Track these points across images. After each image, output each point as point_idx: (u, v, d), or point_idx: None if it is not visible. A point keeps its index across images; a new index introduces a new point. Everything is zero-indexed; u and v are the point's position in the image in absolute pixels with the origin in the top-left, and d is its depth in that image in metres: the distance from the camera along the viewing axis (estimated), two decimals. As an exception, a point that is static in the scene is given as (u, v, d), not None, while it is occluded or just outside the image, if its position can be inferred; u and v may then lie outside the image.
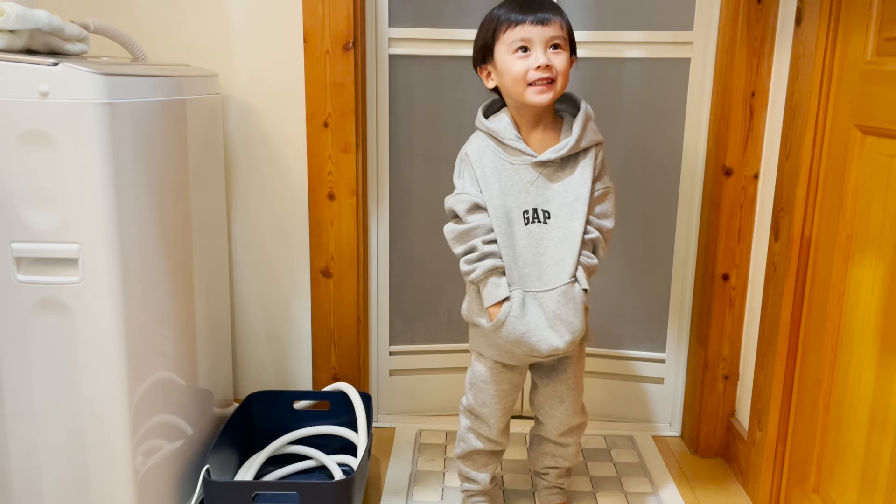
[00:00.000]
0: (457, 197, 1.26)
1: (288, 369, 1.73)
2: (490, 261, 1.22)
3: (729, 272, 1.58)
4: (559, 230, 1.23)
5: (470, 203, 1.24)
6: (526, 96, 1.20)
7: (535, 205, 1.24)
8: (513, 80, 1.20)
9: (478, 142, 1.27)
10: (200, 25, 1.57)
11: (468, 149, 1.28)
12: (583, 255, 1.24)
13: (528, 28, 1.18)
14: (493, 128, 1.24)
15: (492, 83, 1.26)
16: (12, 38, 1.08)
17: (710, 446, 1.67)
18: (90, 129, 1.03)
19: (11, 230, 1.05)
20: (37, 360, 1.09)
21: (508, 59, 1.20)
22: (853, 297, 1.19)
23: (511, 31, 1.19)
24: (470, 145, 1.28)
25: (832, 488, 1.25)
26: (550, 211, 1.24)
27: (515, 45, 1.19)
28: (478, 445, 1.36)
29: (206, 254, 1.45)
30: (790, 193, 1.35)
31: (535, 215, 1.24)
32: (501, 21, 1.21)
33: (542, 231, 1.24)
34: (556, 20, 1.20)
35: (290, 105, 1.59)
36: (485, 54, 1.25)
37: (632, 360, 1.79)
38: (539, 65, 1.18)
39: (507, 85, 1.22)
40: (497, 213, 1.22)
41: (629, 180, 1.71)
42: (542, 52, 1.19)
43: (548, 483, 1.45)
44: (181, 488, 1.33)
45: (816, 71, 1.27)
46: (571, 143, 1.22)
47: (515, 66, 1.19)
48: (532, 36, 1.19)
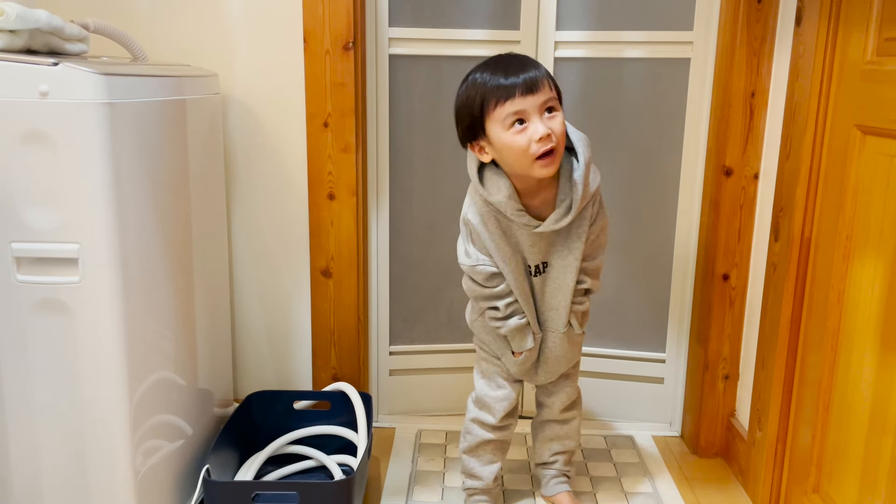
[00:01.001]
0: (473, 269, 1.28)
1: (288, 369, 1.73)
2: (514, 319, 1.30)
3: (729, 272, 1.58)
4: (555, 281, 1.30)
5: (488, 273, 1.28)
6: (533, 171, 1.17)
7: (538, 260, 1.29)
8: (515, 156, 1.17)
9: (476, 206, 1.25)
10: (200, 25, 1.57)
11: (469, 216, 1.26)
12: (575, 304, 1.32)
13: (519, 101, 1.15)
14: (494, 201, 1.22)
15: (487, 157, 1.22)
16: (12, 38, 1.08)
17: (710, 446, 1.67)
18: (90, 129, 1.03)
19: (11, 230, 1.05)
20: (37, 361, 1.09)
21: (506, 135, 1.16)
22: (853, 297, 1.19)
23: (502, 106, 1.15)
24: (471, 210, 1.26)
25: (832, 488, 1.25)
26: (549, 263, 1.30)
27: (511, 120, 1.16)
28: (484, 435, 1.38)
29: (206, 254, 1.45)
30: (790, 193, 1.35)
31: (537, 269, 1.30)
32: (489, 96, 1.16)
33: (540, 281, 1.31)
34: (544, 81, 1.16)
35: (290, 105, 1.59)
36: (475, 132, 1.20)
37: (632, 360, 1.79)
38: (541, 136, 1.14)
39: (508, 160, 1.19)
40: (511, 277, 1.27)
41: (629, 180, 1.71)
42: (540, 122, 1.15)
43: (555, 472, 1.47)
44: (181, 488, 1.33)
45: (816, 71, 1.27)
46: (574, 211, 1.21)
47: (516, 141, 1.15)
48: (526, 107, 1.15)
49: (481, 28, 1.65)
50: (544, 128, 1.15)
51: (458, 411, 1.83)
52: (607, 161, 1.69)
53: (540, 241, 1.26)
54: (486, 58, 1.65)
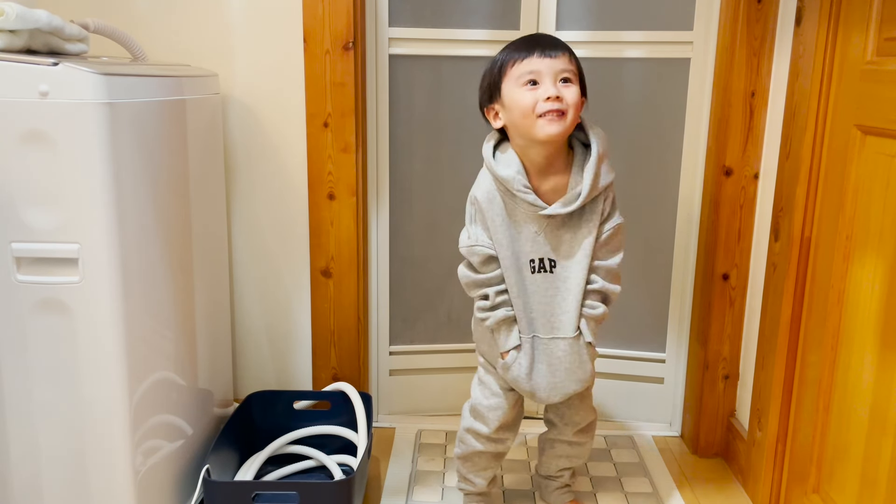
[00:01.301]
0: (471, 249, 1.26)
1: (288, 369, 1.73)
2: (502, 311, 1.25)
3: (729, 272, 1.58)
4: (564, 280, 1.25)
5: (485, 255, 1.25)
6: (536, 129, 1.16)
7: (542, 254, 1.24)
8: (522, 112, 1.17)
9: (486, 185, 1.24)
10: (200, 25, 1.57)
11: (478, 193, 1.25)
12: (585, 307, 1.25)
13: (536, 61, 1.16)
14: (502, 176, 1.20)
15: (499, 122, 1.22)
16: (12, 38, 1.08)
17: (710, 446, 1.67)
18: (90, 129, 1.03)
19: (11, 230, 1.05)
20: (37, 361, 1.09)
21: (517, 92, 1.17)
22: (853, 296, 1.19)
23: (519, 64, 1.17)
24: (479, 188, 1.25)
25: (832, 488, 1.25)
26: (556, 260, 1.25)
27: (524, 79, 1.16)
28: (476, 446, 1.35)
29: (206, 254, 1.45)
30: (790, 193, 1.35)
31: (541, 265, 1.25)
32: (509, 56, 1.19)
33: (548, 280, 1.25)
34: (565, 54, 1.18)
35: (290, 105, 1.59)
36: (491, 93, 1.22)
37: (632, 360, 1.79)
38: (549, 96, 1.14)
39: (515, 120, 1.19)
40: (507, 264, 1.24)
41: (629, 180, 1.71)
42: (552, 84, 1.15)
43: (559, 484, 1.45)
44: (181, 488, 1.33)
45: (816, 71, 1.27)
46: (582, 197, 1.20)
47: (524, 98, 1.16)
48: (541, 68, 1.16)
49: (481, 28, 1.65)
50: (555, 89, 1.15)
51: (458, 411, 1.82)
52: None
53: (546, 230, 1.23)
54: (485, 58, 1.66)
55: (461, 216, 1.74)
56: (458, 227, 1.75)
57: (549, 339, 1.26)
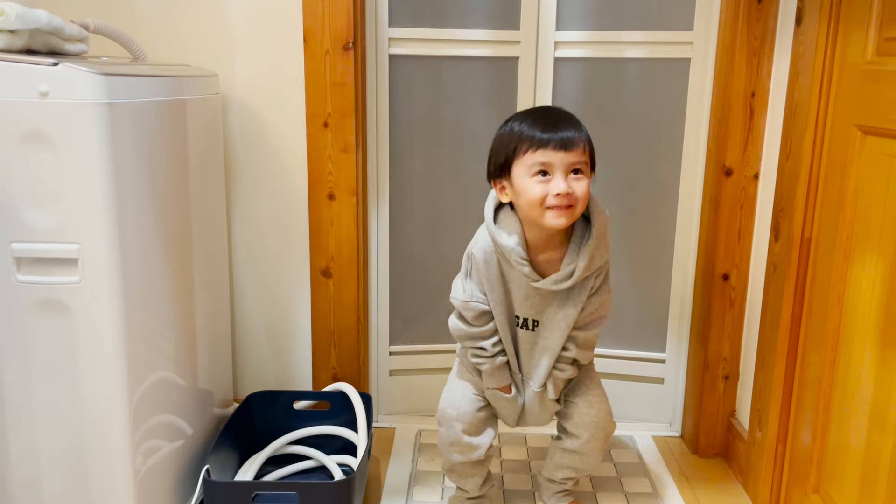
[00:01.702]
0: (466, 304, 1.30)
1: (288, 369, 1.73)
2: (499, 359, 1.32)
3: (729, 272, 1.58)
4: (544, 340, 1.31)
5: (479, 311, 1.29)
6: (543, 220, 1.18)
7: (528, 315, 1.31)
8: (529, 202, 1.18)
9: (484, 245, 1.26)
10: (200, 25, 1.57)
11: (475, 251, 1.27)
12: (556, 369, 1.32)
13: (549, 153, 1.16)
14: (503, 245, 1.23)
15: (506, 198, 1.24)
16: (12, 38, 1.08)
17: (710, 446, 1.67)
18: (90, 129, 1.03)
19: (11, 230, 1.05)
20: (37, 360, 1.09)
21: (527, 181, 1.18)
22: (853, 297, 1.19)
23: (532, 154, 1.17)
24: (476, 246, 1.27)
25: (832, 488, 1.25)
26: (540, 322, 1.31)
27: (535, 169, 1.17)
28: (454, 457, 1.35)
29: (206, 254, 1.45)
30: (790, 193, 1.35)
31: (524, 322, 1.32)
32: (523, 140, 1.18)
33: (527, 336, 1.32)
34: (580, 144, 1.17)
35: (290, 105, 1.59)
36: (501, 169, 1.22)
37: (632, 360, 1.79)
38: (559, 192, 1.15)
39: (522, 206, 1.20)
40: (500, 318, 1.29)
41: (629, 180, 1.71)
42: (563, 179, 1.16)
43: (559, 489, 1.44)
44: (181, 488, 1.33)
45: (816, 71, 1.27)
46: (575, 278, 1.23)
47: (534, 189, 1.17)
48: (554, 161, 1.16)
49: (481, 28, 1.65)
50: (565, 186, 1.16)
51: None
52: (607, 161, 1.69)
53: (534, 296, 1.27)
54: (486, 58, 1.67)
55: (461, 216, 1.75)
56: (459, 227, 1.76)
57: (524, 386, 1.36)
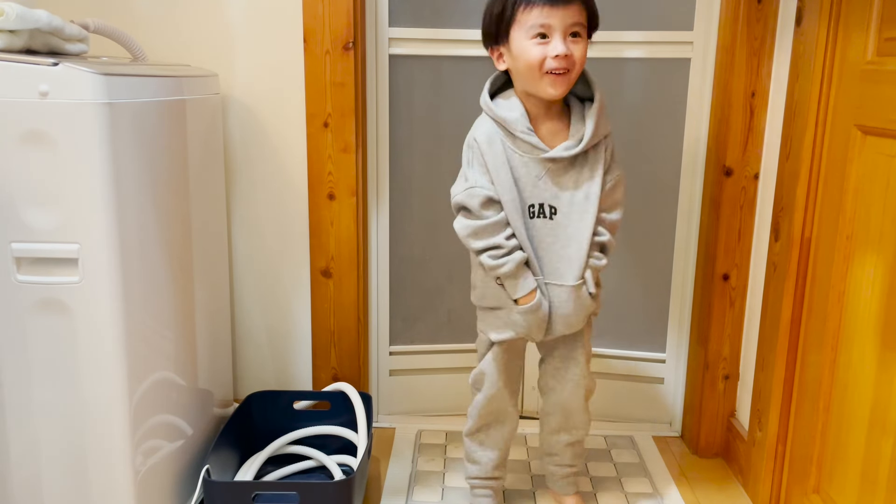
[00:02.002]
0: (469, 192, 1.21)
1: (288, 369, 1.73)
2: (518, 254, 1.21)
3: (729, 272, 1.58)
4: (566, 228, 1.22)
5: (484, 198, 1.21)
6: (540, 86, 1.17)
7: (542, 200, 1.22)
8: (528, 65, 1.16)
9: (486, 127, 1.22)
10: (200, 25, 1.57)
11: (477, 134, 1.22)
12: (593, 258, 1.24)
13: (548, 11, 1.13)
14: (503, 117, 1.19)
15: (503, 65, 1.22)
16: (12, 38, 1.08)
17: (710, 446, 1.67)
18: (90, 129, 1.03)
19: (11, 230, 1.05)
20: (37, 360, 1.09)
21: (526, 43, 1.16)
22: (853, 297, 1.19)
23: (530, 12, 1.14)
24: (478, 130, 1.23)
25: (832, 488, 1.25)
26: (558, 207, 1.22)
27: (534, 31, 1.15)
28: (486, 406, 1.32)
29: (206, 254, 1.45)
30: (790, 193, 1.35)
31: (540, 210, 1.22)
32: (521, 2, 1.15)
33: (546, 227, 1.23)
34: (579, 3, 1.16)
35: (290, 105, 1.59)
36: (499, 34, 1.19)
37: (632, 360, 1.79)
38: (558, 54, 1.14)
39: (520, 70, 1.18)
40: (510, 207, 1.21)
41: (629, 180, 1.70)
42: (562, 41, 1.14)
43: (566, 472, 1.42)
44: (181, 488, 1.33)
45: (816, 71, 1.27)
46: (585, 141, 1.19)
47: (532, 52, 1.15)
48: (552, 22, 1.14)
49: (481, 28, 1.65)
50: (563, 47, 1.14)
51: (458, 411, 1.83)
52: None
53: (546, 176, 1.20)
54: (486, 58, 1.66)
55: (461, 216, 1.75)
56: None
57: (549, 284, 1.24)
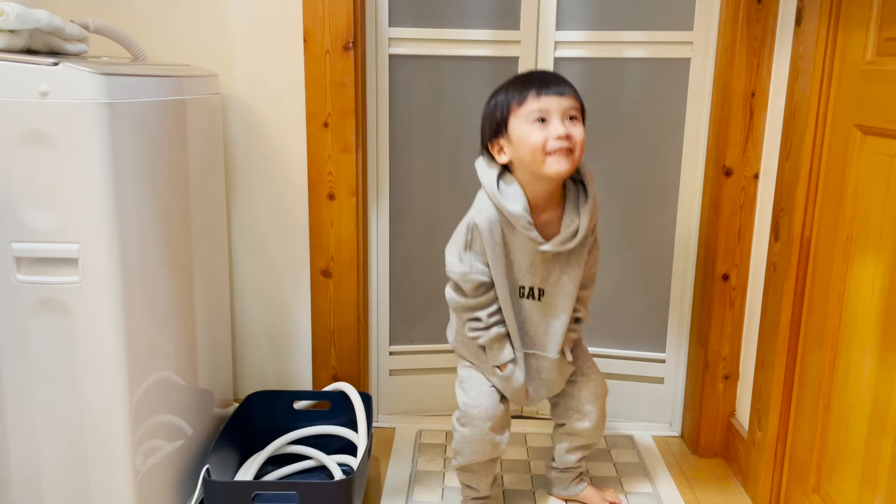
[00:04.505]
0: (465, 276, 1.28)
1: (288, 369, 1.73)
2: (495, 329, 1.30)
3: (729, 272, 1.58)
4: (551, 307, 1.32)
5: (478, 282, 1.28)
6: (545, 166, 1.19)
7: (533, 283, 1.30)
8: (531, 150, 1.19)
9: (488, 214, 1.25)
10: (200, 25, 1.57)
11: (479, 220, 1.25)
12: (571, 331, 1.35)
13: (545, 100, 1.19)
14: (510, 211, 1.22)
15: (504, 157, 1.25)
16: (12, 38, 1.08)
17: (710, 446, 1.67)
18: (90, 129, 1.03)
19: (11, 230, 1.05)
20: (37, 360, 1.09)
21: (526, 129, 1.20)
22: (853, 297, 1.19)
23: (528, 103, 1.20)
24: (480, 216, 1.25)
25: (832, 488, 1.25)
26: (545, 290, 1.31)
27: (533, 116, 1.19)
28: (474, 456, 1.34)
29: (206, 254, 1.45)
30: (790, 193, 1.35)
31: (530, 292, 1.31)
32: (517, 94, 1.21)
33: (534, 306, 1.32)
34: (571, 92, 1.22)
35: (290, 105, 1.59)
36: (497, 128, 1.24)
37: (632, 360, 1.79)
38: (559, 134, 1.18)
39: (523, 157, 1.21)
40: (503, 290, 1.28)
41: (629, 180, 1.71)
42: (560, 122, 1.19)
43: (573, 474, 1.46)
44: (181, 488, 1.33)
45: (816, 71, 1.27)
46: (579, 237, 1.25)
47: (534, 135, 1.19)
48: (550, 107, 1.19)
49: (481, 28, 1.65)
50: (563, 128, 1.19)
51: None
52: (607, 161, 1.69)
53: (539, 262, 1.27)
54: (486, 58, 1.67)
55: (461, 216, 1.75)
56: (458, 227, 1.76)
57: (531, 353, 1.34)
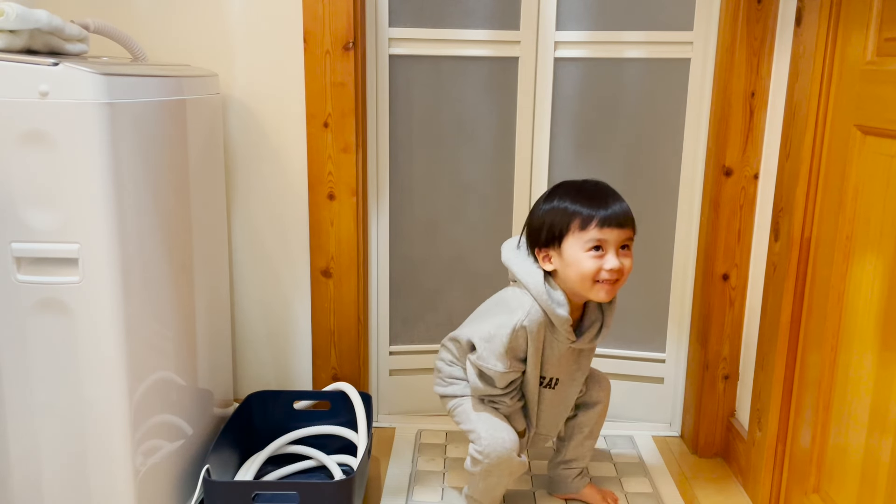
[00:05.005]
0: (503, 377, 1.29)
1: (288, 369, 1.73)
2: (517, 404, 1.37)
3: (729, 272, 1.58)
4: (561, 395, 1.38)
5: (513, 379, 1.32)
6: (591, 293, 1.24)
7: (554, 375, 1.35)
8: (581, 275, 1.23)
9: (536, 316, 1.26)
10: (200, 25, 1.57)
11: (527, 323, 1.26)
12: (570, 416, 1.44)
13: (606, 231, 1.22)
14: (560, 317, 1.25)
15: (549, 266, 1.27)
16: (12, 38, 1.08)
17: (710, 446, 1.67)
18: (90, 129, 1.03)
19: (11, 230, 1.05)
20: (37, 360, 1.09)
21: (581, 255, 1.23)
22: (853, 297, 1.19)
23: (589, 231, 1.22)
24: (528, 319, 1.26)
25: (832, 488, 1.25)
26: (560, 380, 1.36)
27: (590, 245, 1.22)
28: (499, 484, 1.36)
29: (206, 254, 1.45)
30: (790, 193, 1.35)
31: (550, 382, 1.36)
32: (580, 216, 1.23)
33: (549, 394, 1.37)
34: (630, 219, 1.25)
35: (290, 105, 1.59)
36: (550, 241, 1.26)
37: (632, 360, 1.79)
38: (612, 267, 1.22)
39: (571, 276, 1.25)
40: (531, 381, 1.33)
41: (629, 180, 1.71)
42: (615, 256, 1.22)
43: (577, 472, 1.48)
44: (181, 488, 1.33)
45: (816, 71, 1.27)
46: (603, 333, 1.33)
47: (587, 264, 1.22)
48: (609, 238, 1.22)
49: (481, 28, 1.65)
50: (618, 263, 1.23)
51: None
52: (607, 161, 1.69)
53: (566, 356, 1.33)
54: (486, 58, 1.67)
55: (461, 216, 1.75)
56: (458, 228, 1.76)
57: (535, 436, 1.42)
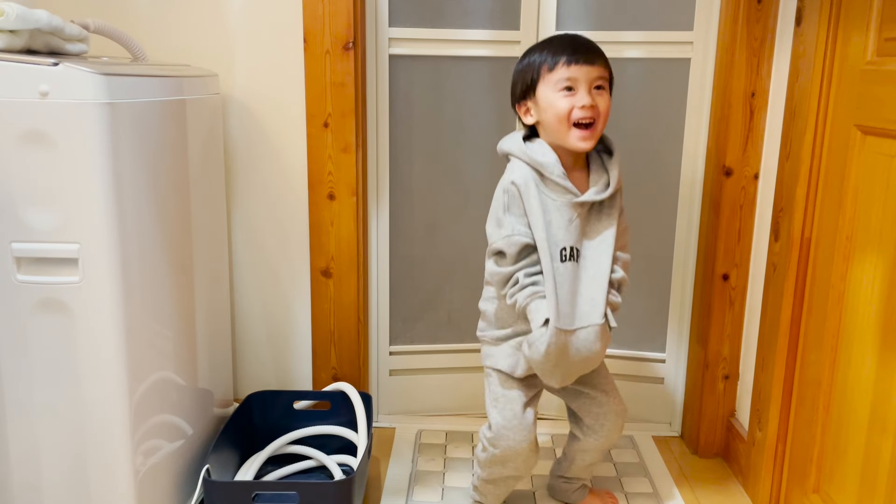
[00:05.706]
0: (508, 239, 1.23)
1: (288, 369, 1.73)
2: (530, 288, 1.22)
3: (729, 272, 1.58)
4: (589, 269, 1.25)
5: (521, 245, 1.23)
6: (568, 139, 1.22)
7: (571, 243, 1.24)
8: (556, 117, 1.22)
9: (522, 171, 1.23)
10: (200, 25, 1.57)
11: (514, 178, 1.23)
12: (612, 294, 1.27)
13: (574, 68, 1.21)
14: (540, 161, 1.22)
15: (530, 119, 1.27)
16: (12, 38, 1.08)
17: (710, 446, 1.67)
18: (90, 129, 1.03)
19: (11, 230, 1.05)
20: (37, 361, 1.09)
21: (553, 95, 1.22)
22: (853, 297, 1.19)
23: (558, 70, 1.22)
24: (514, 174, 1.23)
25: (832, 488, 1.25)
26: (581, 250, 1.26)
27: (561, 84, 1.21)
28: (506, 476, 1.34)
29: (206, 254, 1.45)
30: (790, 193, 1.35)
31: (571, 253, 1.25)
32: (549, 59, 1.23)
33: (571, 270, 1.24)
34: (601, 61, 1.23)
35: (290, 105, 1.59)
36: (526, 91, 1.26)
37: (632, 360, 1.79)
38: (584, 104, 1.20)
39: (549, 121, 1.24)
40: (543, 248, 1.22)
41: (629, 180, 1.70)
42: (587, 93, 1.21)
43: (577, 485, 1.46)
44: (181, 488, 1.33)
45: (816, 71, 1.27)
46: (612, 187, 1.26)
47: (560, 103, 1.21)
48: (578, 76, 1.21)
49: (481, 28, 1.65)
50: (589, 98, 1.21)
51: (458, 411, 1.83)
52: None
53: (575, 219, 1.23)
54: (486, 58, 1.67)
55: (461, 216, 1.75)
56: (458, 228, 1.76)
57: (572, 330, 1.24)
